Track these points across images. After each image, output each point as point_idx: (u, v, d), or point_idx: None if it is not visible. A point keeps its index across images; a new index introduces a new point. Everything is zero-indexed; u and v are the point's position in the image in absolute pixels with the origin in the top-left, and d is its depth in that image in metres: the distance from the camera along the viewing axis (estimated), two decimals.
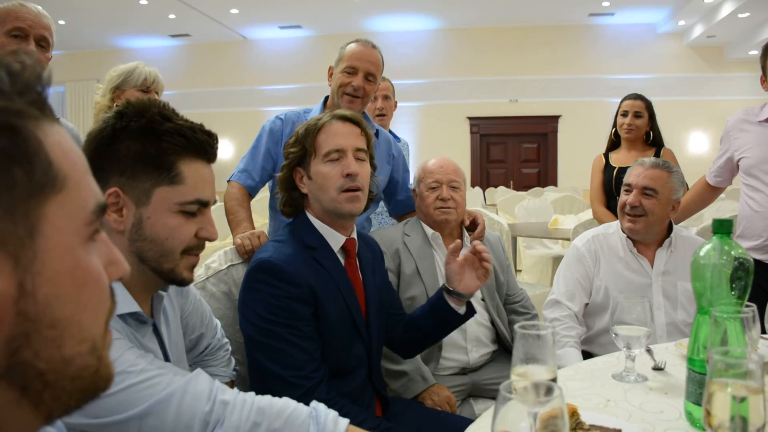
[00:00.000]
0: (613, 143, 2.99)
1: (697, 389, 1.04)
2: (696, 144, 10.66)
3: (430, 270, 1.95)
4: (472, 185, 11.07)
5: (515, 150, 11.70)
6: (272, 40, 11.79)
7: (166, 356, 1.10)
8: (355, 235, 1.51)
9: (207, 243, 1.08)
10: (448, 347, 1.93)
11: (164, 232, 1.00)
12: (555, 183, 11.05)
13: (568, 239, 3.53)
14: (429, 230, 2.02)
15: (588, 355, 1.88)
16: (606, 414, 1.11)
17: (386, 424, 1.40)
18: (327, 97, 2.16)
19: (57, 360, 0.43)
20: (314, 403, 1.04)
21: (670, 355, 1.46)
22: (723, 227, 1.13)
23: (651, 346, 1.45)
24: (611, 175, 2.88)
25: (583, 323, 1.97)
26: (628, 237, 1.97)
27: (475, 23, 10.94)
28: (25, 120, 0.41)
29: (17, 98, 0.42)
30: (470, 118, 11.51)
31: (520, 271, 5.34)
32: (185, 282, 1.05)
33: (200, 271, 1.57)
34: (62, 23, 9.63)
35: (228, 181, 2.07)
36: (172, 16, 10.16)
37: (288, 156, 1.46)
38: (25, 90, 0.42)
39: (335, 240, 1.45)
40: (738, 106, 2.85)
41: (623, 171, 2.78)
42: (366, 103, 2.08)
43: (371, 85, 2.05)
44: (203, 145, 1.03)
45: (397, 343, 1.63)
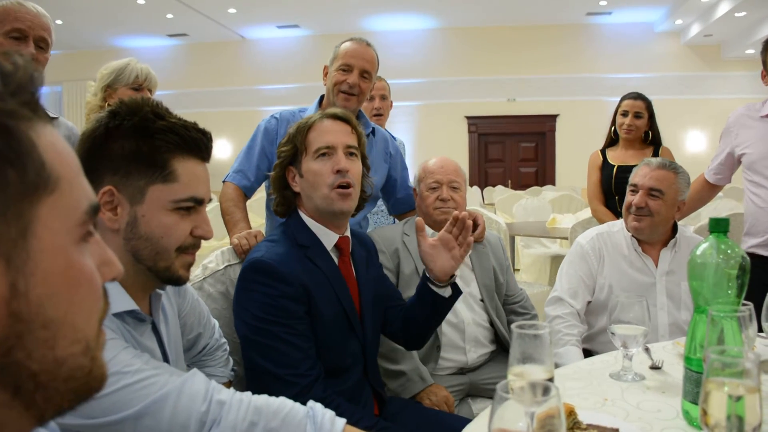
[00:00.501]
0: (611, 140, 2.97)
1: (694, 388, 1.04)
2: (693, 142, 10.68)
3: None
4: (470, 184, 11.07)
5: (513, 149, 11.70)
6: (270, 40, 11.78)
7: (164, 355, 1.09)
8: (348, 233, 1.51)
9: (204, 243, 1.08)
10: (446, 347, 1.93)
11: (159, 230, 1.00)
12: (553, 182, 11.06)
13: (566, 238, 3.54)
14: (429, 230, 2.01)
15: (589, 353, 1.88)
16: (603, 413, 1.11)
17: (383, 423, 1.40)
18: (323, 96, 2.15)
19: (50, 361, 0.43)
20: (311, 402, 1.04)
21: (668, 354, 1.46)
22: (720, 226, 1.13)
23: (649, 345, 1.46)
24: (610, 173, 2.86)
25: (584, 321, 1.96)
26: (633, 236, 1.97)
27: (473, 22, 10.94)
28: (17, 121, 0.41)
29: (10, 99, 0.42)
30: (468, 118, 11.51)
31: (518, 270, 5.35)
32: (181, 281, 1.05)
33: (197, 272, 1.57)
34: (60, 23, 9.62)
35: (223, 182, 2.05)
36: (169, 16, 10.16)
37: (280, 155, 1.47)
38: (18, 91, 0.42)
39: (328, 238, 1.45)
40: (735, 105, 2.85)
41: (624, 169, 2.78)
42: (362, 101, 2.08)
43: (367, 82, 2.05)
44: (197, 143, 1.03)
45: (400, 336, 1.60)
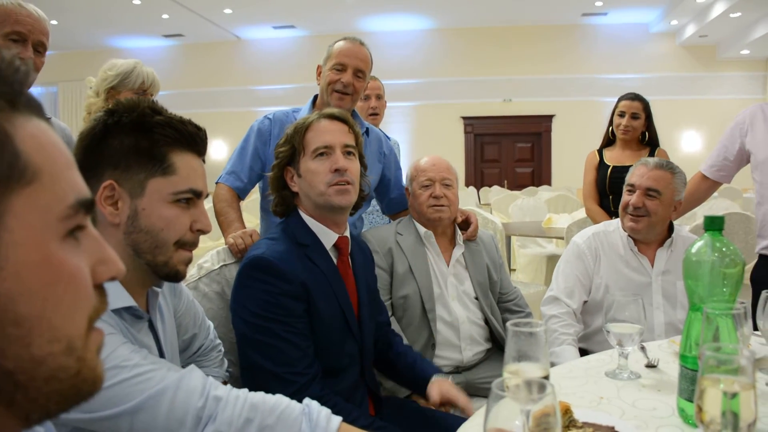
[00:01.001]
0: (608, 141, 2.97)
1: (689, 386, 1.04)
2: (689, 143, 10.72)
3: (422, 269, 1.95)
4: (466, 185, 11.09)
5: (509, 149, 11.72)
6: (266, 40, 11.77)
7: (161, 352, 1.10)
8: (348, 234, 1.51)
9: (199, 243, 1.08)
10: (441, 346, 1.93)
11: (159, 222, 1.01)
12: (549, 182, 11.09)
13: (562, 238, 3.54)
14: (422, 229, 2.02)
15: (585, 352, 1.87)
16: (599, 411, 1.11)
17: (379, 422, 1.40)
18: (316, 96, 2.15)
19: (26, 359, 0.41)
20: (307, 400, 1.05)
21: (663, 352, 1.47)
22: (715, 224, 1.13)
23: (644, 344, 1.46)
24: (605, 173, 2.86)
25: (581, 320, 1.96)
26: (629, 236, 1.97)
27: (469, 23, 10.96)
28: None
29: None
30: (464, 118, 11.53)
31: (514, 270, 5.35)
32: (179, 276, 1.06)
33: (193, 271, 1.56)
34: (55, 23, 9.58)
35: (216, 183, 2.04)
36: (165, 16, 10.14)
37: (278, 156, 1.48)
38: None
39: (327, 238, 1.46)
40: (730, 105, 2.86)
41: (618, 170, 2.78)
42: (356, 100, 2.07)
43: (360, 82, 2.04)
44: (193, 137, 1.06)
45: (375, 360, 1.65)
